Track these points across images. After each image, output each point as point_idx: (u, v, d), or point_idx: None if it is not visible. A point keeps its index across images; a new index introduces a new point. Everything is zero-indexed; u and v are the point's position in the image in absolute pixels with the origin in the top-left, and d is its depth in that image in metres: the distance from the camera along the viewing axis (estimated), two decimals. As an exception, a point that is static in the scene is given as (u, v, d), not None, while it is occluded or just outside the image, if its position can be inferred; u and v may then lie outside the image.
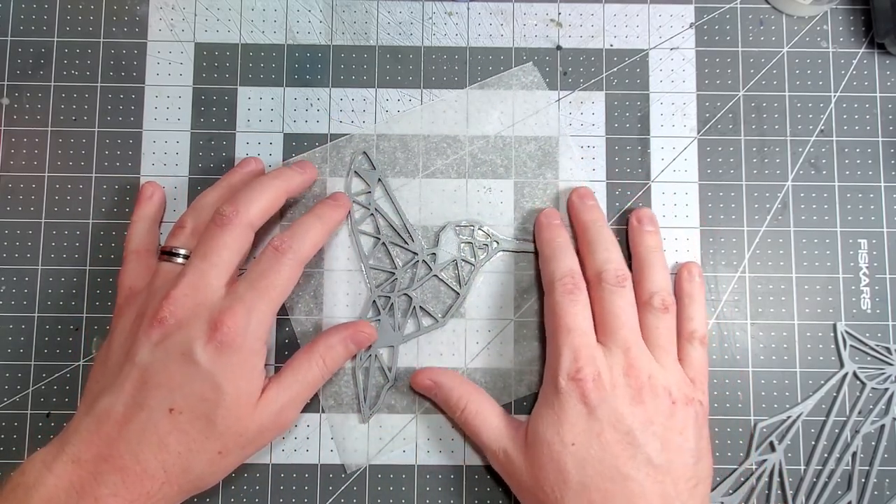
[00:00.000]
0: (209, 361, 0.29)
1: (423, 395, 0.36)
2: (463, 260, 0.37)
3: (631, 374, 0.32)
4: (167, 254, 0.33)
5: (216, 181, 0.36)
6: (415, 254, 0.37)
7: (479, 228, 0.37)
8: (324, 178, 0.38)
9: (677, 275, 0.36)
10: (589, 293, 0.34)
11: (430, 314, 0.37)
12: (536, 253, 0.37)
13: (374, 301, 0.37)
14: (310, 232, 0.33)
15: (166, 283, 0.31)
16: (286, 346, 0.37)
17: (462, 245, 0.37)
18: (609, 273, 0.34)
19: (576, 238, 0.37)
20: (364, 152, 0.38)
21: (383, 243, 0.37)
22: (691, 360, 0.34)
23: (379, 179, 0.38)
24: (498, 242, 0.37)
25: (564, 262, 0.35)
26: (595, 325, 0.33)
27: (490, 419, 0.34)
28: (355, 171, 0.38)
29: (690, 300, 0.35)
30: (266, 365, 0.32)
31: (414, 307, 0.37)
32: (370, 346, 0.36)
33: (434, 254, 0.37)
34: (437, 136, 0.38)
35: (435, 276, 0.37)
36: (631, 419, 0.31)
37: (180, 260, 0.33)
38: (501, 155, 0.38)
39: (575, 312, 0.33)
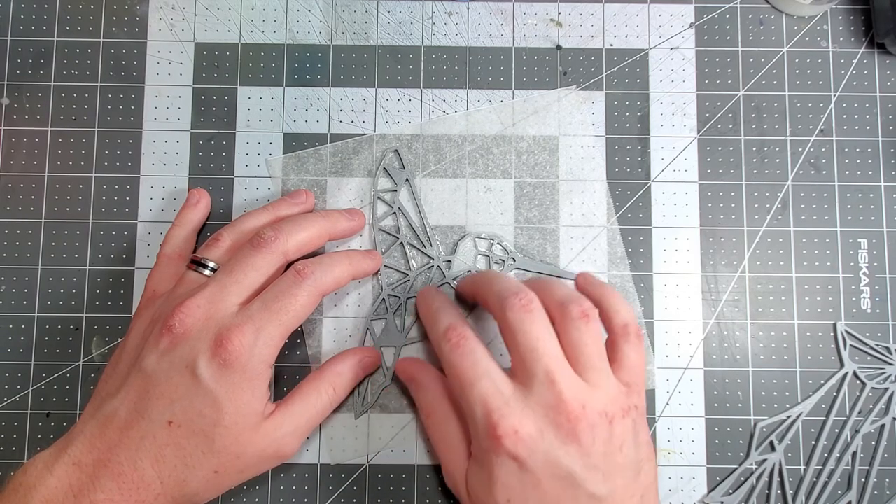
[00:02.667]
0: (211, 378, 0.29)
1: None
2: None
3: (562, 410, 0.28)
4: (196, 264, 0.33)
5: (263, 205, 0.35)
6: (431, 258, 0.37)
7: (498, 243, 0.37)
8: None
9: (576, 286, 0.33)
10: (504, 336, 0.30)
11: None
12: (553, 276, 0.37)
13: (384, 299, 0.37)
14: (336, 267, 0.32)
15: (186, 292, 0.31)
16: (292, 346, 0.37)
17: (479, 257, 0.37)
18: (510, 301, 0.30)
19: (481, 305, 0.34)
20: (395, 150, 0.38)
21: (401, 243, 0.37)
22: (628, 362, 0.31)
23: (406, 179, 0.38)
24: (515, 259, 0.37)
25: (443, 319, 0.32)
26: (514, 367, 0.30)
27: (453, 442, 0.32)
28: (384, 168, 0.38)
29: (605, 296, 0.32)
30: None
31: None
32: (371, 344, 0.36)
33: (450, 262, 0.37)
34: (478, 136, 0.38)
35: (447, 283, 0.37)
36: (568, 460, 0.28)
37: (207, 272, 0.32)
38: (501, 154, 0.38)
39: (470, 363, 0.29)
